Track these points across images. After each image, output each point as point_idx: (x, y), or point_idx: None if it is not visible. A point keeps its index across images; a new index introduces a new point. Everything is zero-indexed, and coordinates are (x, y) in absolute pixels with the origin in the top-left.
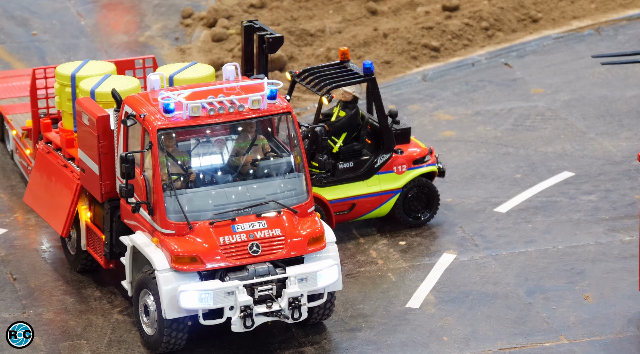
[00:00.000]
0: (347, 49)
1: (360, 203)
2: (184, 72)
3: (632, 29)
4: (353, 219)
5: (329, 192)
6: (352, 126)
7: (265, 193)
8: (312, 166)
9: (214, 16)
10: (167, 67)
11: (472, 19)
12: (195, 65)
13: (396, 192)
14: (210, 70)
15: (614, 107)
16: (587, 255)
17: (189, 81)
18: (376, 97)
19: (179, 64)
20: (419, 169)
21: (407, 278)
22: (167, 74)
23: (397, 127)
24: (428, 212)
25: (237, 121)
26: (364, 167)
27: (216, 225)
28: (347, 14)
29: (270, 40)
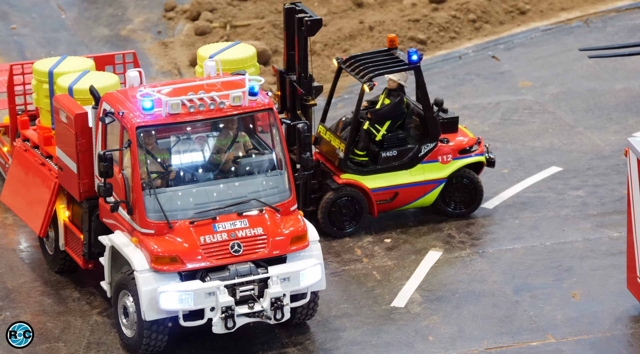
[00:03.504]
0: (395, 36)
1: (403, 192)
2: (225, 52)
3: (620, 21)
4: (396, 208)
5: (370, 181)
6: (396, 114)
7: (247, 191)
8: (356, 154)
9: (197, 9)
10: (210, 47)
11: (459, 11)
12: (238, 46)
13: (440, 182)
14: (251, 51)
15: (602, 100)
16: (574, 252)
17: (228, 62)
18: (420, 86)
19: (221, 44)
20: (464, 159)
21: (392, 277)
22: (207, 54)
23: (445, 117)
24: (470, 203)
25: (217, 118)
26: (407, 156)
27: (197, 224)
28: (333, 7)
29: (309, 22)
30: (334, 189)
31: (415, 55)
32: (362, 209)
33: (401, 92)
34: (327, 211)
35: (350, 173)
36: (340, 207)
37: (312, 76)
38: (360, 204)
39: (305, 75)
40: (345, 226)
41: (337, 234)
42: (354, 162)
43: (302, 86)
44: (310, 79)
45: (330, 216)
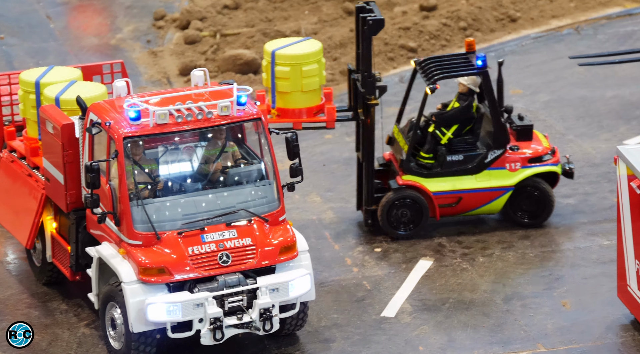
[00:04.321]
0: (473, 40)
1: (467, 198)
2: (289, 48)
3: (611, 28)
4: (461, 213)
5: (433, 184)
6: (463, 119)
7: (235, 201)
8: (421, 157)
9: (187, 18)
10: (277, 41)
11: (450, 19)
12: (305, 42)
13: (507, 190)
14: (315, 47)
15: (593, 108)
16: (565, 260)
17: (289, 57)
18: (488, 92)
19: (287, 39)
20: (533, 169)
21: (383, 286)
22: (272, 48)
23: (519, 124)
24: (539, 214)
25: (205, 128)
26: (473, 161)
27: (185, 235)
28: (323, 15)
29: (371, 22)
30: (394, 189)
31: (480, 60)
32: (423, 211)
33: (471, 96)
34: (387, 210)
35: (412, 175)
36: (400, 208)
37: (376, 76)
38: (421, 206)
39: (369, 75)
40: (403, 227)
41: (396, 235)
42: (419, 164)
43: (365, 85)
44: (373, 79)
45: (389, 216)
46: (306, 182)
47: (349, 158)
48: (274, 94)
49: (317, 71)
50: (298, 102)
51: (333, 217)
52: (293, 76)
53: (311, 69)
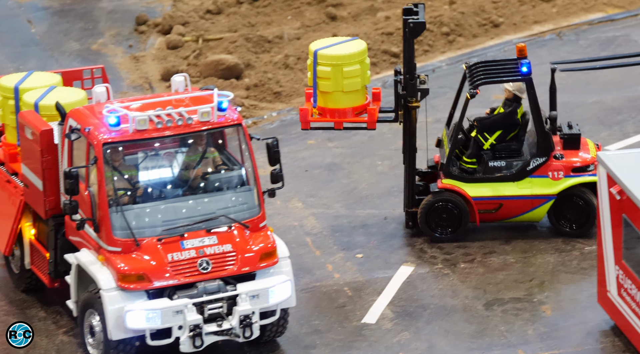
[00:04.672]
0: (524, 45)
1: (508, 204)
2: (332, 48)
3: (593, 34)
4: (501, 220)
5: (473, 189)
6: (507, 125)
7: (215, 207)
8: (464, 161)
9: (169, 23)
10: (322, 41)
11: (433, 24)
12: (349, 42)
13: (549, 199)
14: (360, 47)
15: (575, 113)
16: (546, 266)
17: (330, 58)
18: (531, 99)
19: (334, 39)
20: (577, 178)
21: (364, 292)
22: (314, 48)
23: (566, 132)
24: (582, 224)
25: (185, 133)
26: (515, 168)
27: (164, 241)
28: (306, 20)
29: (412, 25)
30: (433, 192)
31: (525, 66)
32: (462, 216)
33: (516, 103)
34: (425, 213)
35: (452, 179)
36: (439, 211)
37: (418, 78)
38: (460, 210)
39: (411, 77)
40: (442, 230)
41: (435, 238)
42: (461, 168)
43: (407, 88)
44: (415, 81)
45: (428, 218)
46: (288, 187)
47: (331, 164)
48: (316, 93)
49: (359, 72)
50: (339, 102)
51: (315, 223)
52: (334, 76)
53: (353, 69)
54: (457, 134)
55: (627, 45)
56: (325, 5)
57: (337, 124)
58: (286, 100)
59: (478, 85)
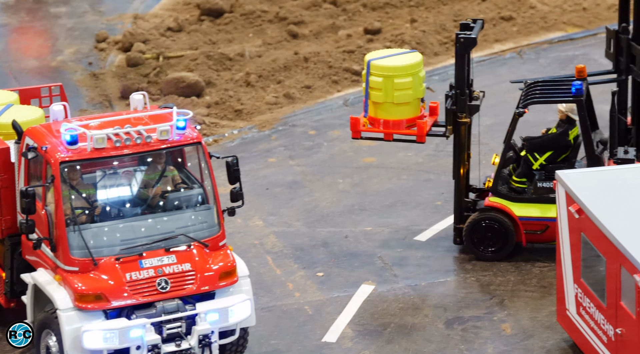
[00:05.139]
0: (584, 67)
1: (555, 226)
2: (386, 59)
3: (553, 52)
4: (549, 242)
5: (520, 208)
6: (557, 146)
7: (175, 226)
8: (514, 180)
9: (130, 40)
10: (377, 52)
11: (394, 43)
12: (405, 54)
13: None
14: (415, 59)
15: (535, 131)
16: (506, 284)
17: (382, 68)
18: (582, 121)
19: (390, 50)
20: None
21: (324, 311)
22: (368, 59)
23: (620, 157)
24: None
25: (144, 152)
26: None
27: (123, 261)
28: (268, 38)
29: (462, 40)
30: (479, 209)
31: (575, 87)
32: (508, 235)
33: (568, 124)
34: (470, 230)
35: (500, 197)
36: (485, 229)
37: (470, 94)
38: (506, 229)
39: (462, 93)
40: (488, 249)
41: (480, 255)
42: (511, 187)
43: (458, 103)
44: (466, 97)
45: (473, 235)
46: (249, 206)
47: (292, 182)
48: (367, 103)
49: (411, 84)
50: (390, 113)
51: (275, 242)
52: (385, 87)
53: (404, 81)
54: (506, 152)
55: (587, 64)
56: (286, 23)
57: (386, 135)
58: (247, 118)
59: (527, 105)
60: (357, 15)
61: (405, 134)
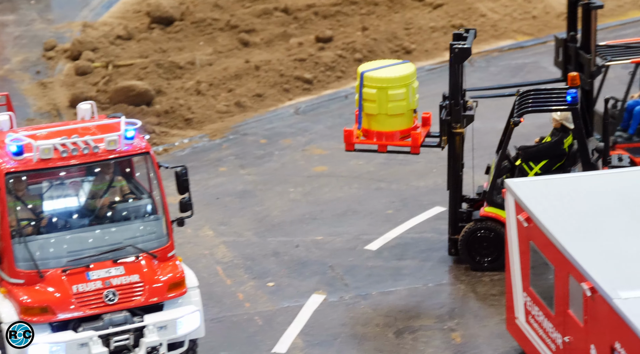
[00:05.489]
0: (577, 74)
1: None
2: (379, 70)
3: (503, 60)
4: None
5: None
6: (553, 154)
7: (123, 237)
8: None
9: (79, 48)
10: (370, 63)
11: (346, 51)
12: (398, 65)
13: None
14: (408, 71)
15: (485, 139)
16: (456, 293)
17: (376, 80)
18: (577, 129)
19: (383, 61)
20: None
21: (275, 321)
22: (361, 70)
23: (615, 164)
24: None
25: (91, 162)
26: None
27: (69, 273)
28: (219, 46)
29: (456, 50)
30: (474, 220)
31: (570, 95)
32: (504, 244)
33: (563, 132)
34: (466, 240)
35: (495, 207)
36: (481, 240)
37: (468, 104)
38: (502, 239)
39: (456, 103)
40: (484, 259)
41: (476, 266)
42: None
43: (452, 114)
44: (461, 107)
45: (469, 246)
46: (199, 215)
47: (243, 191)
48: (361, 115)
49: (405, 95)
50: (384, 125)
51: (225, 252)
52: (379, 99)
53: (398, 93)
54: (501, 162)
55: (536, 72)
56: (237, 31)
57: (380, 147)
58: (198, 127)
59: (523, 114)
60: (308, 23)
61: (399, 145)
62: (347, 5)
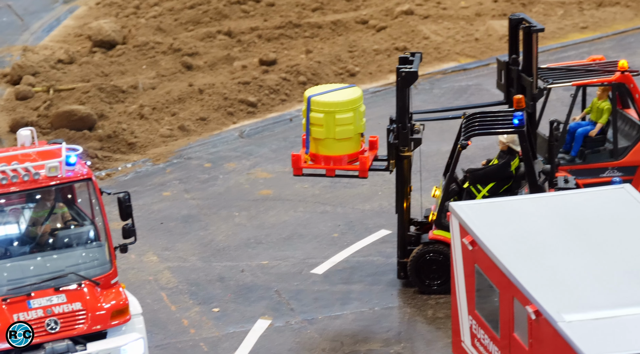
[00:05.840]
0: (522, 97)
1: None
2: (326, 95)
3: (447, 83)
4: None
5: None
6: (500, 177)
7: (64, 265)
8: None
9: (19, 73)
10: (317, 88)
11: (290, 74)
12: (345, 89)
13: None
14: (355, 95)
15: (430, 162)
16: (402, 316)
17: (323, 104)
18: (524, 151)
19: (329, 85)
20: None
21: (220, 347)
22: (308, 95)
23: (561, 186)
24: None
25: (32, 189)
26: None
27: (10, 301)
28: (162, 69)
29: (403, 74)
30: (423, 243)
31: (517, 118)
32: None
33: (510, 155)
34: (415, 263)
35: (444, 230)
36: (430, 263)
37: (415, 127)
38: (450, 262)
39: (404, 126)
40: (433, 282)
41: (425, 289)
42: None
43: (400, 137)
44: (408, 130)
45: (418, 269)
46: (142, 241)
47: (188, 215)
48: (308, 140)
49: (352, 119)
50: (332, 149)
51: (170, 277)
52: (326, 123)
53: (345, 117)
54: (449, 184)
55: (480, 94)
56: (180, 55)
57: (329, 171)
58: (141, 151)
59: (470, 137)
60: (251, 46)
61: (347, 169)
62: (291, 28)
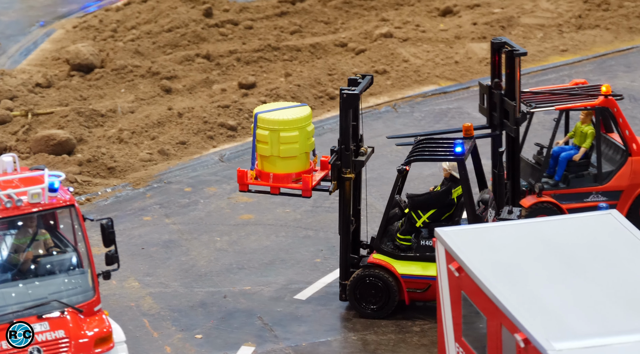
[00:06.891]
0: (471, 125)
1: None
2: (273, 112)
3: (427, 106)
4: (431, 300)
5: (403, 266)
6: (441, 203)
7: (47, 292)
8: (399, 237)
9: None
10: (266, 105)
11: (269, 97)
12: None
13: None
14: (302, 113)
15: (411, 186)
16: (387, 343)
17: (268, 122)
18: (462, 180)
19: (279, 103)
20: None
21: None
22: (256, 111)
23: (503, 218)
24: None
25: (14, 216)
26: None
27: None
28: (140, 93)
29: (345, 95)
30: (362, 266)
31: (459, 147)
32: (390, 292)
33: (452, 182)
34: (353, 286)
35: (383, 254)
36: (368, 286)
37: (355, 149)
38: (388, 287)
39: (346, 148)
40: (371, 306)
41: (363, 313)
42: (396, 244)
43: (342, 158)
44: (351, 152)
45: (356, 292)
46: (124, 266)
47: (169, 241)
48: (254, 156)
49: (298, 138)
50: (277, 167)
51: (152, 304)
52: (271, 141)
53: (290, 135)
54: (389, 209)
55: (460, 118)
56: (159, 78)
57: (273, 189)
58: (121, 175)
59: (409, 162)
60: (231, 69)
61: (291, 188)
62: (270, 51)
